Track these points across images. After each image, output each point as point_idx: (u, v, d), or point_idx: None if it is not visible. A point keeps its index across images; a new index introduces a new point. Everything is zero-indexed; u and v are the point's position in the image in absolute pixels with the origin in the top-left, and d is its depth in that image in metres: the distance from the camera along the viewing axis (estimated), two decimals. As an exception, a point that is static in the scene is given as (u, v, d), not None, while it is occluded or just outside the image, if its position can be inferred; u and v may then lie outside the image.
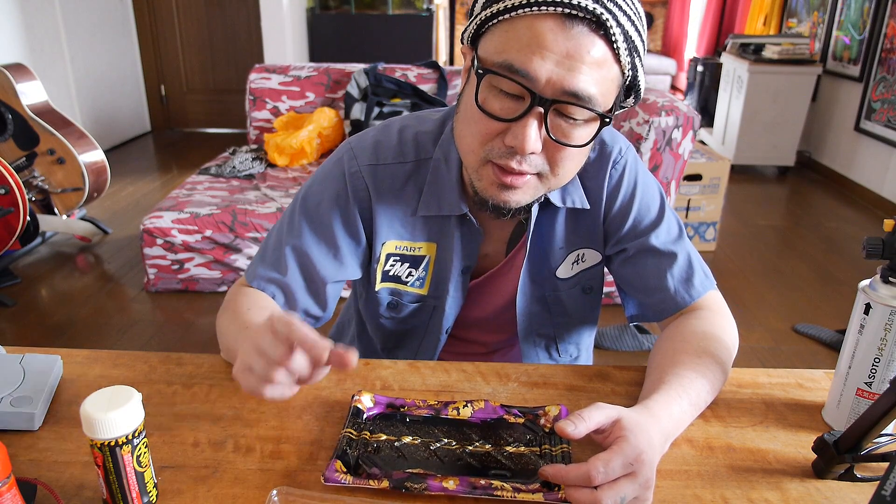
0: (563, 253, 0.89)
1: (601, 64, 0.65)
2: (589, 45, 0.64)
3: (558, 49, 0.64)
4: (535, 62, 0.64)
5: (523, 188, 0.72)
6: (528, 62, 0.64)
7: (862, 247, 0.65)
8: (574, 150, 0.70)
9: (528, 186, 0.73)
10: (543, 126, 0.67)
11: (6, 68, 2.84)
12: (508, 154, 0.69)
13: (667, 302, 0.84)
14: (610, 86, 0.68)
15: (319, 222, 0.85)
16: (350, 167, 0.85)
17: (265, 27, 4.44)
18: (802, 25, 4.71)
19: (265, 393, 0.59)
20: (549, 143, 0.69)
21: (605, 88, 0.67)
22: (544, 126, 0.67)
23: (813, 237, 3.37)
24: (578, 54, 0.64)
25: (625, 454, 0.56)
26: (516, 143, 0.67)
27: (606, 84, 0.67)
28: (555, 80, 0.65)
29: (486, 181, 0.73)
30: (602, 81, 0.66)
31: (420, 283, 0.90)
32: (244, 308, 0.80)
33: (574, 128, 0.68)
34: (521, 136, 0.67)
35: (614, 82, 0.68)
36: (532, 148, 0.67)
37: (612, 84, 0.68)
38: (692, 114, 2.26)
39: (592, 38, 0.64)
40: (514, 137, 0.67)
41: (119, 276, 2.83)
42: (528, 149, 0.67)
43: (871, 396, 0.68)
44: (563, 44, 0.64)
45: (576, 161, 0.73)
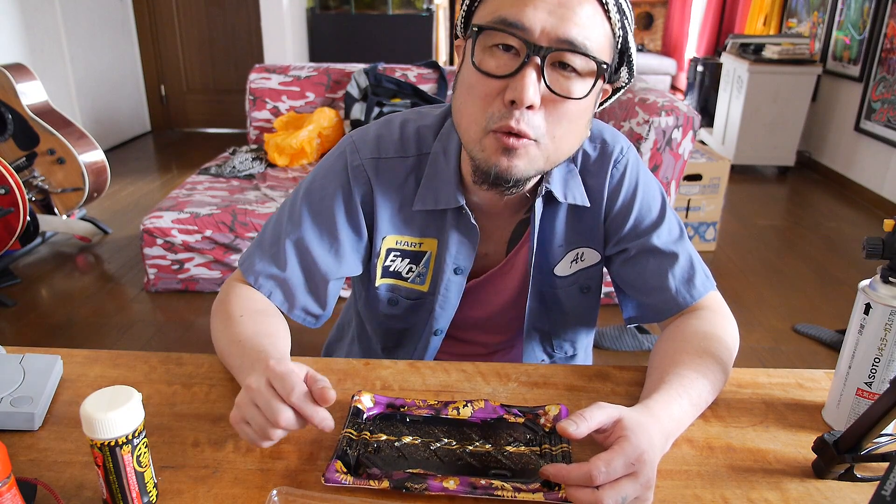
0: (562, 251, 0.89)
1: (592, 17, 0.67)
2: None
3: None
4: (527, 12, 0.65)
5: (524, 153, 0.71)
6: (521, 13, 0.66)
7: (862, 247, 0.65)
8: (573, 107, 0.70)
9: (528, 153, 0.71)
10: (541, 79, 0.67)
11: (6, 68, 2.84)
12: (508, 114, 0.68)
13: (668, 302, 0.84)
14: (603, 42, 0.69)
15: (322, 217, 0.84)
16: (352, 160, 0.85)
17: (265, 27, 4.44)
18: (802, 25, 4.71)
19: (262, 445, 0.61)
20: (548, 99, 0.69)
21: (598, 43, 0.68)
22: (542, 79, 0.67)
23: (813, 237, 3.37)
24: (569, 4, 0.66)
25: (626, 454, 0.56)
26: (516, 96, 0.67)
27: (599, 38, 0.68)
28: (548, 28, 0.66)
29: (490, 150, 0.71)
30: (595, 34, 0.68)
31: (421, 279, 0.90)
32: (237, 313, 0.79)
33: (571, 81, 0.69)
34: (519, 87, 0.66)
35: (607, 39, 0.69)
36: (531, 99, 0.66)
37: (604, 40, 0.69)
38: (692, 114, 2.26)
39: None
40: (513, 91, 0.67)
41: (119, 276, 2.83)
42: (527, 99, 0.66)
43: (871, 396, 0.68)
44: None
45: (574, 125, 0.72)
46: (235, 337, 0.76)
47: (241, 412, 0.61)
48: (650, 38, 6.46)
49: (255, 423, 0.60)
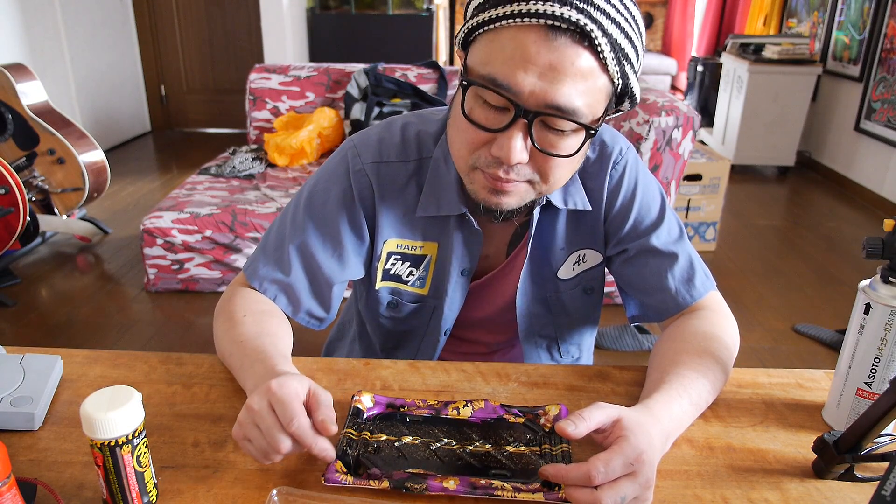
0: (564, 254, 0.89)
1: (587, 75, 0.64)
2: (573, 57, 0.63)
3: (541, 62, 0.63)
4: (518, 76, 0.64)
5: (514, 192, 0.73)
6: (512, 76, 0.64)
7: (862, 247, 0.65)
8: (562, 160, 0.70)
9: (519, 191, 0.73)
10: (529, 137, 0.67)
11: (6, 68, 2.83)
12: (495, 164, 0.69)
13: (668, 302, 0.84)
14: (598, 95, 0.67)
15: (325, 222, 0.84)
16: (354, 165, 0.85)
17: (265, 27, 4.44)
18: (802, 25, 4.71)
19: (264, 463, 0.61)
20: (536, 154, 0.69)
21: (591, 99, 0.66)
22: (530, 137, 0.67)
23: (813, 237, 3.37)
24: (562, 66, 0.63)
25: (625, 454, 0.56)
26: (502, 154, 0.67)
27: (593, 94, 0.66)
28: (538, 92, 0.64)
29: (478, 185, 0.73)
30: (588, 92, 0.65)
31: (421, 282, 0.90)
32: (240, 314, 0.79)
33: (560, 138, 0.68)
34: (506, 147, 0.67)
35: (602, 92, 0.67)
36: (517, 159, 0.67)
37: (599, 94, 0.67)
38: (692, 114, 2.26)
39: (577, 49, 0.63)
40: (499, 148, 0.68)
41: (119, 276, 2.83)
42: (513, 160, 0.67)
43: (871, 396, 0.68)
44: (546, 56, 0.63)
45: (566, 169, 0.73)
46: (237, 338, 0.76)
47: (243, 431, 0.60)
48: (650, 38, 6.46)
49: (256, 444, 0.60)
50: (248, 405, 0.60)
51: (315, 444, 0.58)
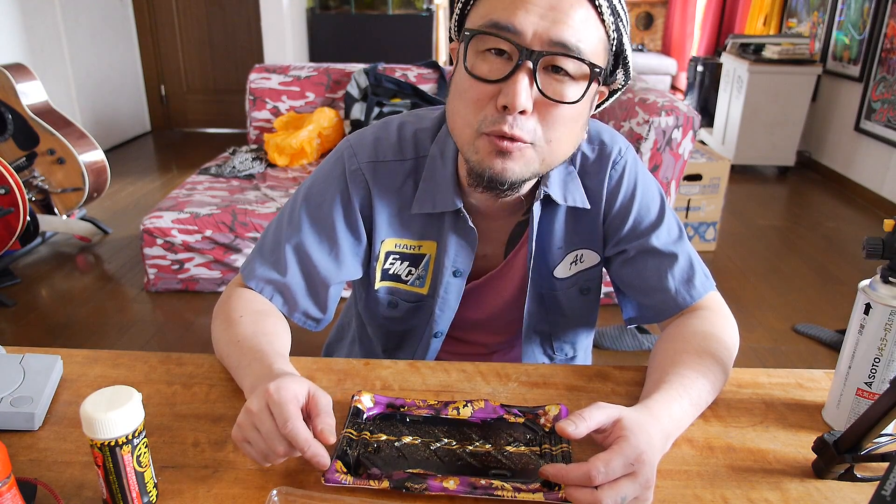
0: (561, 253, 0.89)
1: (585, 20, 0.66)
2: (573, 1, 0.66)
3: (542, 2, 0.65)
4: (519, 16, 0.65)
5: (518, 156, 0.70)
6: (513, 17, 0.65)
7: (862, 247, 0.65)
8: (567, 111, 0.69)
9: (523, 155, 0.70)
10: (534, 83, 0.67)
11: (6, 68, 2.83)
12: (501, 119, 0.68)
13: (667, 303, 0.84)
14: (597, 45, 0.68)
15: (322, 222, 0.84)
16: (350, 165, 0.85)
17: (265, 27, 4.44)
18: (802, 25, 4.71)
19: (264, 465, 0.61)
20: (541, 103, 0.68)
21: (592, 46, 0.68)
22: (535, 83, 0.67)
23: (813, 237, 3.37)
24: (561, 7, 0.65)
25: (625, 454, 0.56)
26: (507, 101, 0.66)
27: (593, 41, 0.68)
28: (541, 31, 0.65)
29: (483, 152, 0.71)
30: (588, 37, 0.67)
31: (420, 282, 0.90)
32: (237, 314, 0.79)
33: (565, 85, 0.68)
34: (511, 92, 0.66)
35: (601, 42, 0.69)
36: (523, 104, 0.66)
37: (598, 44, 0.68)
38: (692, 114, 2.26)
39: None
40: (505, 96, 0.67)
41: (119, 276, 2.83)
42: (518, 105, 0.66)
43: (871, 396, 0.68)
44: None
45: (569, 128, 0.71)
46: (234, 337, 0.76)
47: (242, 433, 0.60)
48: (650, 38, 6.46)
49: (256, 446, 0.60)
50: (246, 407, 0.60)
51: (308, 449, 0.58)
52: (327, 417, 0.60)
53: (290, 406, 0.58)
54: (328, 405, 0.62)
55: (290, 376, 0.63)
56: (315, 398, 0.62)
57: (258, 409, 0.59)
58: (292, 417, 0.58)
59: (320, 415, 0.60)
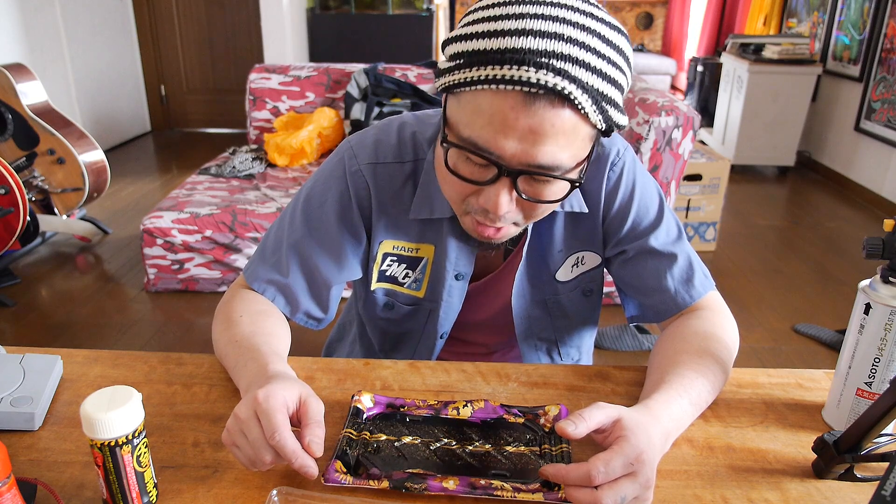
0: (562, 256, 0.89)
1: (568, 132, 0.64)
2: (553, 119, 0.62)
3: (521, 126, 0.62)
4: (498, 141, 0.64)
5: (504, 232, 0.75)
6: (493, 141, 0.64)
7: (862, 247, 0.65)
8: (549, 203, 0.71)
9: (508, 232, 0.75)
10: (514, 189, 0.68)
11: (6, 68, 2.83)
12: (483, 212, 0.71)
13: (667, 303, 0.84)
14: (580, 144, 0.66)
15: (322, 223, 0.85)
16: (350, 166, 0.85)
17: (265, 27, 4.44)
18: (802, 25, 4.71)
19: (251, 469, 0.61)
20: (523, 201, 0.70)
21: (574, 150, 0.66)
22: (515, 189, 0.68)
23: (813, 237, 3.37)
24: (542, 129, 0.62)
25: (625, 454, 0.56)
26: (489, 207, 0.69)
27: (577, 144, 0.65)
28: (519, 154, 0.64)
29: (470, 226, 0.75)
30: (570, 145, 0.65)
31: (417, 285, 0.90)
32: (237, 314, 0.79)
33: (546, 186, 0.69)
34: (492, 201, 0.68)
35: (585, 139, 0.66)
36: (504, 211, 0.68)
37: (583, 142, 0.66)
38: (692, 114, 2.26)
39: (556, 111, 0.62)
40: (486, 200, 0.69)
41: (119, 276, 2.83)
42: (500, 212, 0.68)
43: (871, 396, 0.68)
44: (526, 121, 0.62)
45: (552, 206, 0.74)
46: (233, 337, 0.76)
47: (231, 438, 0.60)
48: (650, 38, 6.46)
49: (243, 452, 0.59)
50: (235, 413, 0.60)
51: (296, 460, 0.57)
52: (317, 428, 0.59)
53: (277, 416, 0.58)
54: (319, 413, 0.61)
55: (282, 381, 0.63)
56: (306, 405, 0.61)
57: (246, 416, 0.59)
58: (279, 428, 0.57)
59: (309, 425, 0.59)
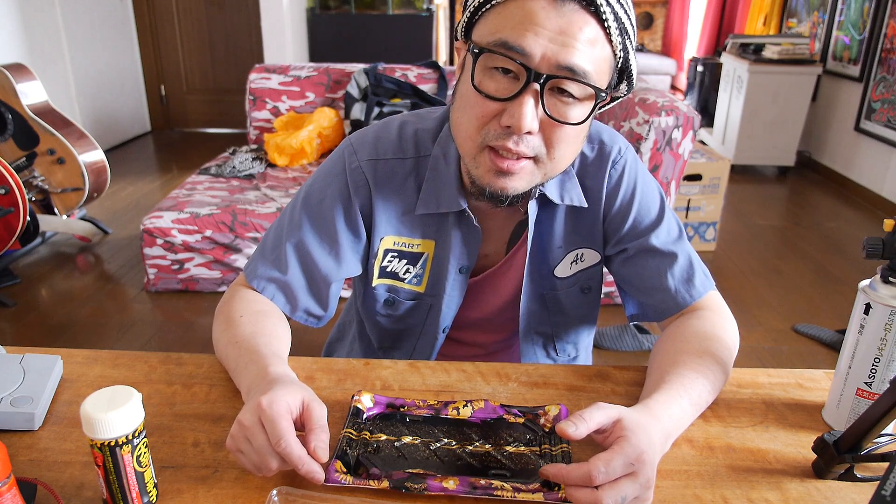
0: (561, 252, 0.89)
1: (593, 42, 0.66)
2: (581, 23, 0.65)
3: (551, 25, 0.65)
4: (528, 38, 0.65)
5: (520, 174, 0.72)
6: (522, 38, 0.65)
7: (862, 247, 0.65)
8: (570, 130, 0.70)
9: (525, 172, 0.72)
10: (540, 104, 0.68)
11: (6, 68, 2.83)
12: (505, 135, 0.69)
13: (667, 302, 0.84)
14: (603, 65, 0.69)
15: (322, 220, 0.85)
16: (350, 162, 0.85)
17: (265, 27, 4.44)
18: (802, 25, 4.71)
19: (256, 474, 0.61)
20: (546, 123, 0.69)
21: (598, 67, 0.68)
22: (541, 104, 0.68)
23: (813, 237, 3.37)
24: (571, 31, 0.65)
25: (626, 454, 0.56)
26: (513, 122, 0.67)
27: (599, 63, 0.68)
28: (549, 55, 0.65)
29: (483, 168, 0.73)
30: (595, 60, 0.67)
31: (417, 280, 0.90)
32: (237, 314, 0.79)
33: (570, 106, 0.69)
34: (517, 114, 0.67)
35: (607, 62, 0.69)
36: (529, 126, 0.67)
37: (605, 64, 0.69)
38: (692, 114, 2.26)
39: (584, 16, 0.65)
40: (510, 116, 0.68)
41: (119, 276, 2.83)
42: (524, 127, 0.67)
43: (871, 396, 0.68)
44: (556, 21, 0.65)
45: (572, 145, 0.73)
46: (233, 338, 0.76)
47: (235, 444, 0.60)
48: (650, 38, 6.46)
49: (248, 458, 0.59)
50: (239, 420, 0.60)
51: (302, 466, 0.57)
52: (321, 433, 0.59)
53: (282, 422, 0.58)
54: (322, 417, 0.61)
55: (284, 385, 0.62)
56: (309, 409, 0.61)
57: (251, 423, 0.59)
58: (285, 435, 0.57)
59: (314, 430, 0.59)
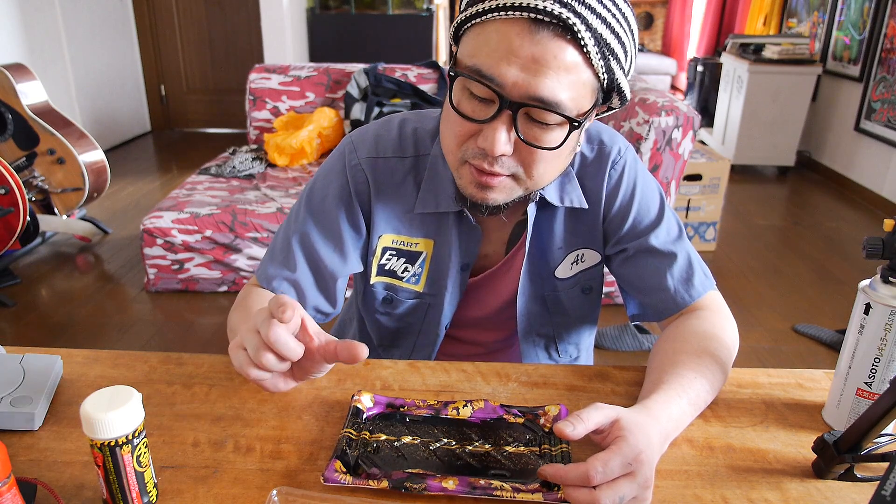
0: (562, 253, 0.89)
1: (570, 69, 0.65)
2: (556, 50, 0.64)
3: (524, 54, 0.64)
4: (501, 67, 0.65)
5: (499, 188, 0.74)
6: (496, 67, 0.65)
7: (862, 247, 0.65)
8: (546, 152, 0.70)
9: (504, 186, 0.74)
10: (514, 128, 0.68)
11: (6, 68, 2.83)
12: (481, 155, 0.71)
13: (667, 302, 0.84)
14: (582, 90, 0.67)
15: (325, 217, 0.86)
16: (350, 160, 0.86)
17: (265, 27, 4.44)
18: (802, 25, 4.71)
19: (250, 374, 0.62)
20: (521, 146, 0.70)
21: (575, 93, 0.67)
22: (515, 129, 0.68)
23: (813, 237, 3.37)
24: (544, 59, 0.64)
25: (623, 454, 0.56)
26: (486, 146, 0.68)
27: (577, 88, 0.66)
28: (521, 84, 0.65)
29: (465, 180, 0.75)
30: (572, 86, 0.66)
31: (416, 279, 0.90)
32: (255, 306, 0.81)
33: (545, 131, 0.69)
34: (490, 138, 0.68)
35: (587, 86, 0.67)
36: (501, 150, 0.68)
37: (584, 88, 0.67)
38: (692, 114, 2.26)
39: (560, 43, 0.64)
40: (484, 139, 0.69)
41: (119, 276, 2.83)
42: (497, 151, 0.68)
43: (871, 396, 0.68)
44: (529, 49, 0.64)
45: (551, 164, 0.73)
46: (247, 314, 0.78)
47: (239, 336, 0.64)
48: (650, 38, 6.46)
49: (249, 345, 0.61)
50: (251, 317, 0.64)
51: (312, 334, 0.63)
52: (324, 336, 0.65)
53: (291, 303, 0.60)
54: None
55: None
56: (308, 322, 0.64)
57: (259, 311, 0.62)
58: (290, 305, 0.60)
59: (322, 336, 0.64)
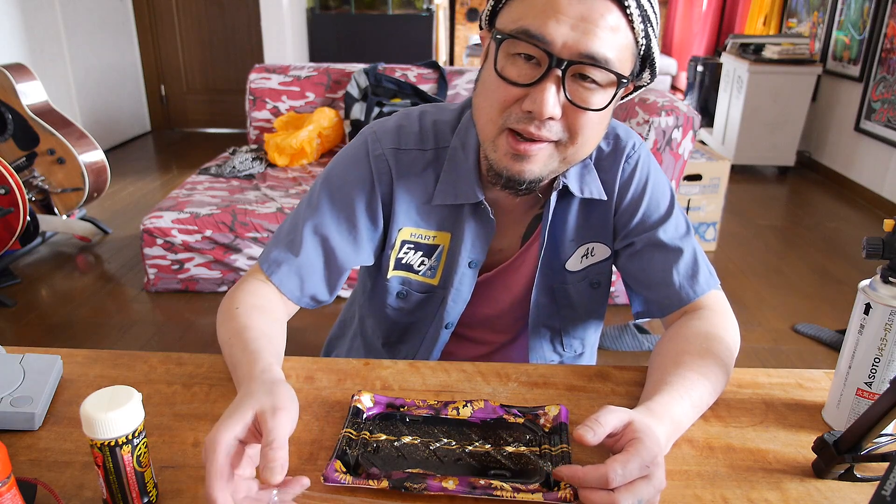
0: (573, 246, 0.89)
1: (615, 29, 0.67)
2: (603, 10, 0.66)
3: (573, 12, 0.65)
4: (550, 25, 0.66)
5: (537, 156, 0.72)
6: (544, 26, 0.66)
7: (862, 247, 0.65)
8: (593, 116, 0.70)
9: (542, 155, 0.73)
10: (562, 90, 0.68)
11: (6, 68, 2.83)
12: (527, 119, 0.70)
13: (671, 297, 0.84)
14: (625, 52, 0.69)
15: (343, 203, 0.84)
16: (374, 149, 0.85)
17: (265, 27, 4.44)
18: (802, 25, 4.71)
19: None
20: (568, 109, 0.70)
21: (620, 54, 0.68)
22: (563, 90, 0.68)
23: (813, 237, 3.37)
24: (592, 18, 0.66)
25: (642, 456, 0.56)
26: (535, 108, 0.68)
27: (621, 50, 0.68)
28: (570, 42, 0.66)
29: (501, 151, 0.73)
30: (617, 47, 0.67)
31: (432, 272, 0.90)
32: (234, 305, 0.79)
33: (592, 92, 0.69)
34: (539, 99, 0.67)
35: (629, 49, 0.69)
36: (550, 112, 0.68)
37: (626, 51, 0.69)
38: (692, 114, 2.26)
39: (606, 3, 0.66)
40: (532, 102, 0.68)
41: (119, 276, 2.83)
42: (546, 112, 0.67)
43: (871, 396, 0.68)
44: (578, 7, 0.65)
45: (595, 130, 0.73)
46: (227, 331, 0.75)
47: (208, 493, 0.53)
48: (650, 38, 6.46)
49: None
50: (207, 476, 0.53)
51: None
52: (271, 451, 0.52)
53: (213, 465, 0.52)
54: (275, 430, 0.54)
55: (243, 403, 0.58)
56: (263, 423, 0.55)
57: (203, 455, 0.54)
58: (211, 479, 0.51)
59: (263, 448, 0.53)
